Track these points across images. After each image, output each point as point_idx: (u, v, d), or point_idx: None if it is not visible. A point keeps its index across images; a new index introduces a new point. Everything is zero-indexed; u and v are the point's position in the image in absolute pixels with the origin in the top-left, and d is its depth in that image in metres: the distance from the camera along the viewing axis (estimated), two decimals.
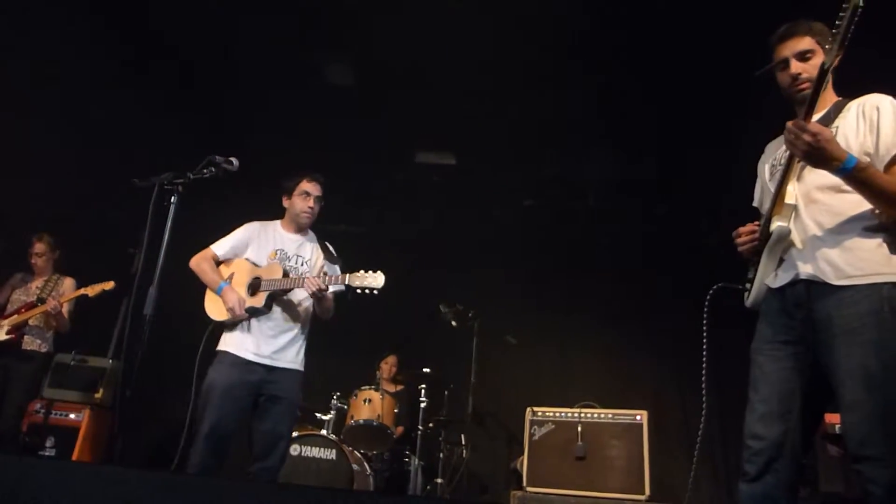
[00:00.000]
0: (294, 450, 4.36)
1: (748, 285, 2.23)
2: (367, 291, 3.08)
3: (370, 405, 4.77)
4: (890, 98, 2.07)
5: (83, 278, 4.57)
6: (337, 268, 3.36)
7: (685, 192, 5.65)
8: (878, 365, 1.85)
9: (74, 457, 4.50)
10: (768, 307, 2.15)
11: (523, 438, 4.04)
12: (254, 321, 3.17)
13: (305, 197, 3.35)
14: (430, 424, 4.89)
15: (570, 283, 6.04)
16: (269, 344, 3.15)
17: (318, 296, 3.12)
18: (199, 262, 3.27)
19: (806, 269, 2.03)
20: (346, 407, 4.87)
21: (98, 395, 4.77)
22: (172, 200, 2.43)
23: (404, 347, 5.74)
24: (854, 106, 2.12)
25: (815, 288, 2.00)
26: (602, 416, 3.91)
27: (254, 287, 3.22)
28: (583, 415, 3.93)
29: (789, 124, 1.94)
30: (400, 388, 5.53)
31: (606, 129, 5.19)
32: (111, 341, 4.90)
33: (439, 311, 5.03)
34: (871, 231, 1.98)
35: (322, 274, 3.14)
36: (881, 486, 1.80)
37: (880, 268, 1.94)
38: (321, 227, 3.56)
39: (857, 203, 2.00)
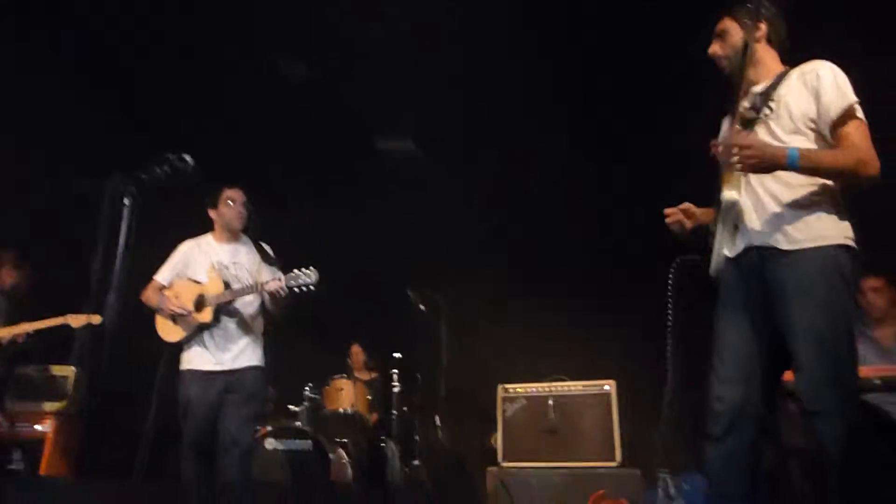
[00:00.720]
0: (269, 443, 4.34)
1: (710, 256, 2.27)
2: (303, 289, 3.18)
3: (343, 394, 4.78)
4: (829, 63, 2.13)
5: (45, 284, 4.44)
6: (275, 268, 3.49)
7: (647, 161, 5.70)
8: (827, 324, 1.94)
9: (43, 468, 4.39)
10: (726, 276, 2.22)
11: (496, 416, 4.10)
12: (206, 335, 3.31)
13: (232, 204, 3.48)
14: (405, 409, 4.92)
15: (534, 260, 6.10)
16: (227, 353, 3.31)
17: (280, 296, 3.23)
18: (147, 295, 3.41)
19: (758, 237, 2.09)
20: (318, 397, 4.86)
21: (63, 404, 4.65)
22: (126, 204, 2.36)
23: (370, 334, 5.75)
24: (794, 74, 2.19)
25: (767, 254, 2.07)
26: (571, 388, 3.98)
27: (198, 304, 3.33)
28: (553, 389, 4.00)
29: (717, 152, 2.08)
30: (374, 375, 5.54)
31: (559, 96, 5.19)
32: (71, 348, 4.77)
33: (407, 297, 5.03)
34: (818, 196, 2.04)
35: (277, 278, 3.25)
36: (833, 439, 1.89)
37: (829, 231, 2.02)
38: (282, 218, 3.59)
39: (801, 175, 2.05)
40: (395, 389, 4.82)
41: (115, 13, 4.32)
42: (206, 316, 3.30)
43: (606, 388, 3.91)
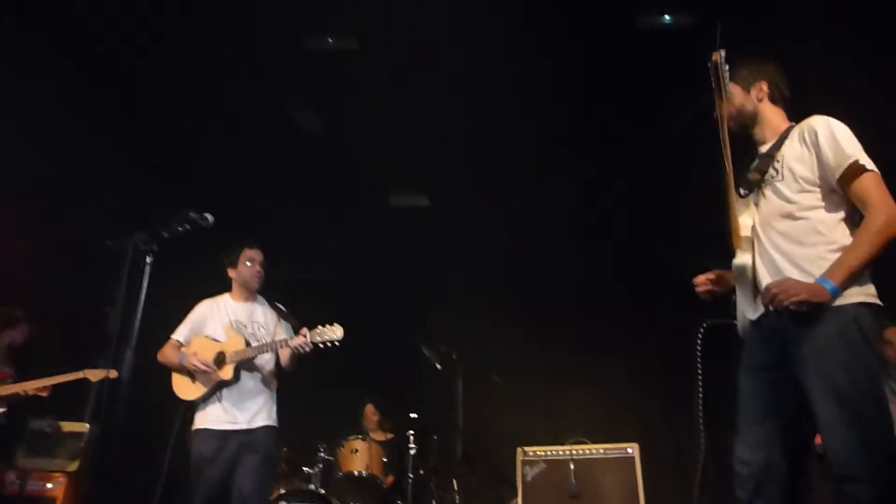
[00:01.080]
0: None
1: (735, 320, 2.27)
2: (328, 345, 3.23)
3: (358, 455, 4.68)
4: (826, 118, 2.13)
5: (56, 343, 4.44)
6: (290, 325, 3.54)
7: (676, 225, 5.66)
8: (847, 383, 1.88)
9: None
10: (750, 338, 2.19)
11: (515, 480, 3.97)
12: (224, 392, 3.30)
13: (252, 263, 3.51)
14: (421, 471, 4.78)
15: (553, 318, 6.05)
16: (243, 411, 3.29)
17: (303, 351, 3.26)
18: (164, 352, 3.41)
19: None
20: (333, 459, 4.75)
21: (76, 463, 4.58)
22: (148, 261, 2.39)
23: (387, 392, 5.67)
24: (796, 133, 2.18)
25: (786, 315, 2.02)
26: (593, 451, 3.87)
27: (218, 361, 3.32)
28: (574, 452, 3.89)
29: (765, 300, 2.04)
30: (389, 436, 5.43)
31: (582, 156, 5.23)
32: (86, 404, 4.74)
33: (423, 355, 4.98)
34: (833, 254, 2.00)
35: (300, 334, 3.29)
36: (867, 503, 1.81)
37: (847, 289, 1.96)
38: (293, 275, 3.62)
39: (814, 228, 2.05)
40: (411, 451, 4.70)
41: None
42: (227, 373, 3.29)
43: (630, 451, 3.80)
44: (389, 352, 6.07)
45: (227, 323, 3.46)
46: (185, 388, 3.38)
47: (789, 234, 2.08)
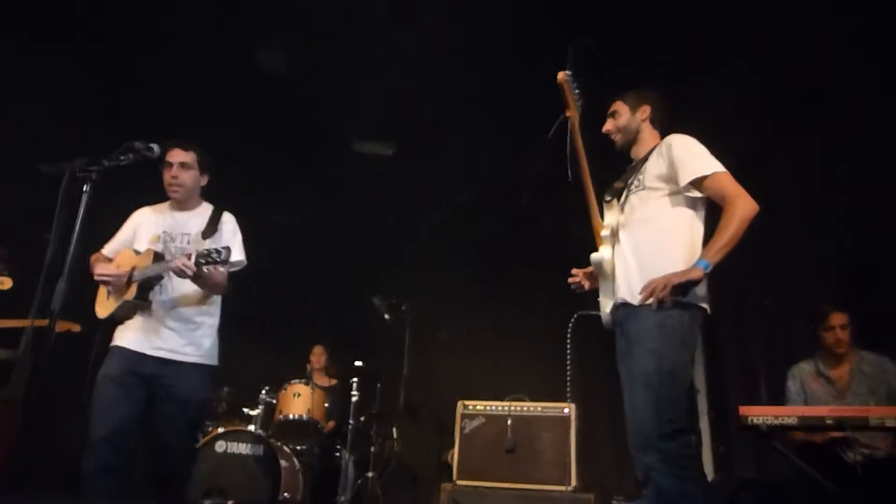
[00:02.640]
0: (220, 446, 4.23)
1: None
2: (213, 269, 2.66)
3: (300, 399, 4.69)
4: (678, 135, 2.48)
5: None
6: (223, 238, 2.96)
7: None
8: (655, 368, 2.20)
9: None
10: (616, 329, 2.49)
11: (454, 431, 4.05)
12: (139, 316, 2.86)
13: (168, 167, 2.96)
14: (362, 418, 4.84)
15: (502, 278, 6.11)
16: (162, 337, 2.82)
17: (187, 277, 2.69)
18: (91, 266, 2.93)
19: (620, 293, 2.40)
20: (274, 401, 4.76)
21: (5, 390, 4.46)
22: (85, 189, 2.26)
23: (334, 339, 5.67)
24: (657, 147, 2.53)
25: (625, 309, 2.37)
26: (531, 409, 3.96)
27: (129, 278, 2.85)
28: (513, 408, 3.97)
29: (647, 298, 2.27)
30: (332, 382, 5.45)
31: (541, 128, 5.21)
32: (21, 334, 4.59)
33: (373, 304, 4.98)
34: (667, 259, 2.30)
35: (192, 254, 2.65)
36: (654, 469, 2.14)
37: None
38: (252, 214, 3.36)
39: (657, 233, 2.37)
40: (354, 398, 4.74)
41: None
42: (130, 292, 2.81)
43: (566, 411, 3.90)
44: (339, 299, 6.06)
45: (154, 234, 2.99)
46: (101, 304, 2.98)
47: (638, 237, 2.41)
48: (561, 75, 2.52)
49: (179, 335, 2.86)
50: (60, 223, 2.30)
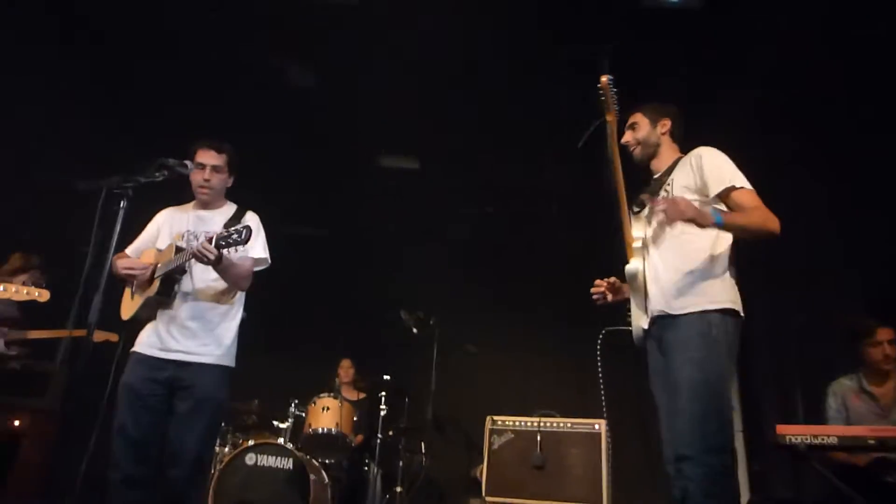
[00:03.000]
0: (250, 459, 4.26)
1: (631, 327, 2.54)
2: (237, 248, 2.58)
3: (329, 413, 4.70)
4: (709, 148, 2.45)
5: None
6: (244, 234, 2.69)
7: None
8: (700, 378, 2.16)
9: (17, 463, 4.30)
10: (648, 345, 2.45)
11: (483, 447, 4.02)
12: (160, 315, 2.80)
13: (199, 169, 2.90)
14: (390, 432, 4.84)
15: (531, 291, 6.07)
16: (179, 337, 2.76)
17: (208, 263, 2.59)
18: (113, 266, 2.75)
19: (656, 306, 2.36)
20: (304, 415, 4.78)
21: (42, 401, 4.57)
22: (122, 205, 2.32)
23: (362, 353, 5.69)
24: (685, 160, 2.50)
25: (663, 321, 2.34)
26: (561, 425, 3.91)
27: (152, 276, 2.80)
28: (542, 424, 3.93)
29: (648, 201, 2.39)
30: (361, 396, 5.47)
31: (571, 137, 5.20)
32: (59, 346, 4.71)
33: (400, 319, 4.98)
34: (705, 264, 2.31)
35: (213, 237, 2.56)
36: (695, 482, 2.07)
37: (710, 298, 2.27)
38: (280, 228, 3.35)
39: (693, 242, 2.33)
40: (382, 412, 4.74)
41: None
42: (152, 288, 2.75)
43: (597, 427, 3.84)
44: (368, 313, 6.08)
45: (178, 233, 2.93)
46: (126, 305, 2.91)
47: (673, 247, 2.37)
48: (604, 79, 2.47)
49: (198, 335, 2.78)
50: (97, 237, 2.36)
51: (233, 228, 2.51)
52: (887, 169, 4.08)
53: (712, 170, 2.35)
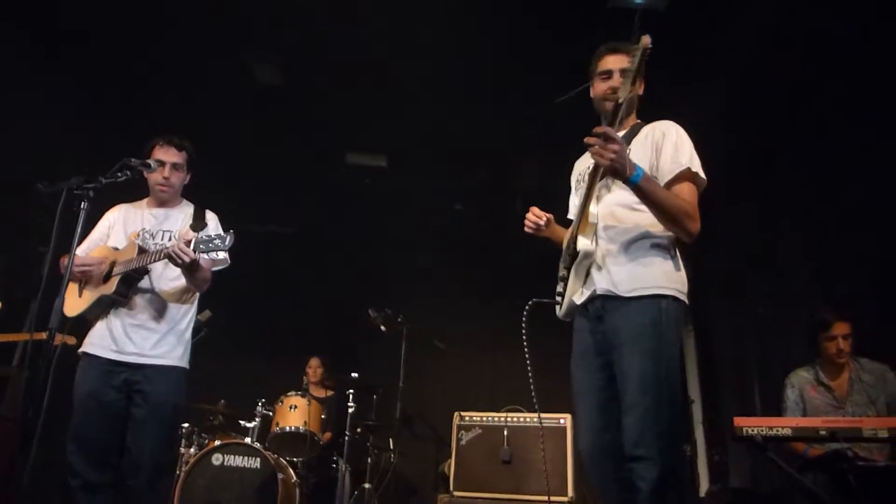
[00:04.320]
0: (216, 459, 4.21)
1: (559, 298, 2.37)
2: (214, 255, 2.53)
3: (296, 411, 4.68)
4: (677, 126, 2.26)
5: None
6: (211, 233, 2.72)
7: None
8: (653, 370, 2.04)
9: None
10: (578, 323, 2.32)
11: (451, 443, 4.05)
12: (113, 314, 2.73)
13: (159, 166, 2.83)
14: (359, 430, 4.84)
15: (498, 287, 6.12)
16: (135, 338, 2.71)
17: (187, 267, 2.60)
18: (62, 266, 2.63)
19: (601, 285, 2.18)
20: (271, 413, 4.75)
21: (1, 406, 4.45)
22: (83, 206, 2.27)
23: (330, 351, 5.68)
24: (646, 130, 2.31)
25: (608, 301, 2.17)
26: (527, 420, 3.97)
27: (108, 274, 2.74)
28: (509, 419, 3.98)
29: (598, 129, 2.01)
30: (329, 393, 5.46)
31: (539, 136, 5.25)
32: (14, 349, 4.59)
33: (368, 316, 4.98)
34: (656, 249, 2.18)
35: (192, 240, 2.54)
36: (648, 482, 1.96)
37: (662, 282, 2.14)
38: (244, 226, 3.30)
39: (646, 224, 2.18)
40: (351, 410, 4.74)
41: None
42: (109, 286, 2.69)
43: (562, 421, 3.90)
44: (334, 311, 6.07)
45: (133, 231, 2.87)
46: (70, 302, 2.77)
47: (626, 226, 2.20)
48: (646, 39, 2.00)
49: (153, 336, 2.74)
50: (59, 239, 2.31)
51: (215, 234, 2.51)
52: (845, 162, 4.18)
53: (671, 154, 2.19)
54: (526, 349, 2.38)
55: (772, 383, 3.90)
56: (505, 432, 3.93)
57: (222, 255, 2.66)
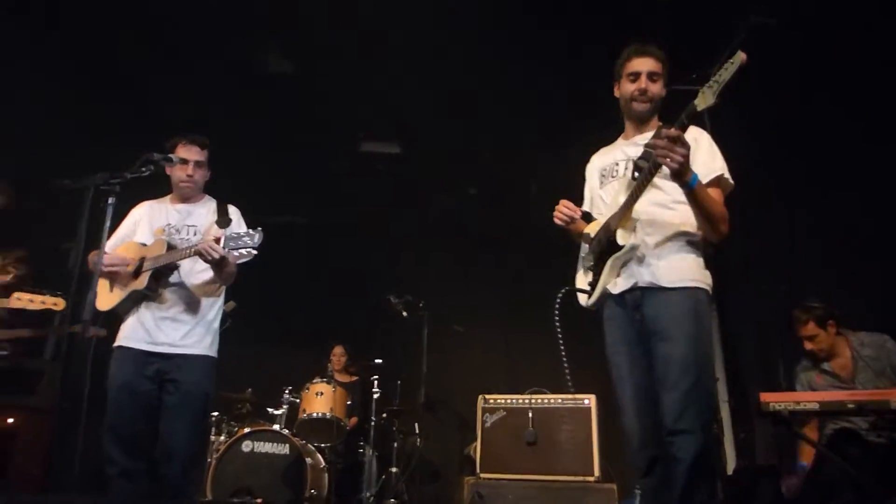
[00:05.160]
0: (246, 446, 4.31)
1: (588, 288, 2.49)
2: (243, 252, 2.64)
3: (322, 398, 4.75)
4: (706, 133, 2.39)
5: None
6: (234, 230, 2.87)
7: None
8: (694, 354, 2.18)
9: (12, 462, 4.31)
10: (612, 312, 2.42)
11: (476, 425, 4.09)
12: (144, 308, 2.84)
13: (182, 164, 2.94)
14: (384, 415, 4.91)
15: (517, 270, 6.12)
16: (166, 330, 2.81)
17: (216, 263, 2.70)
18: (90, 263, 2.75)
19: (644, 278, 2.30)
20: (297, 401, 4.83)
21: (36, 399, 4.56)
22: (110, 202, 2.33)
23: (353, 338, 5.74)
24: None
25: (648, 291, 2.30)
26: (551, 401, 3.99)
27: (137, 270, 2.84)
28: (533, 401, 4.00)
29: (669, 132, 2.05)
30: (353, 379, 5.52)
31: (551, 113, 5.21)
32: (46, 343, 4.70)
33: (389, 303, 5.03)
34: (690, 245, 2.33)
35: (216, 239, 2.65)
36: (690, 453, 2.08)
37: (697, 275, 2.30)
38: (260, 218, 3.35)
39: (680, 222, 2.31)
40: (375, 395, 4.81)
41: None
42: (140, 282, 2.79)
43: (587, 402, 3.92)
44: (356, 298, 6.11)
45: (158, 227, 2.97)
46: (102, 297, 2.87)
47: (663, 223, 2.32)
48: (744, 56, 1.92)
49: (183, 327, 2.84)
50: (89, 234, 2.37)
51: (243, 231, 2.62)
52: (857, 150, 4.17)
53: (707, 160, 2.31)
54: (560, 334, 2.54)
55: (795, 361, 3.88)
56: (529, 414, 3.95)
57: (252, 252, 2.71)
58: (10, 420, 4.46)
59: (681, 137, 2.04)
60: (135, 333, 2.82)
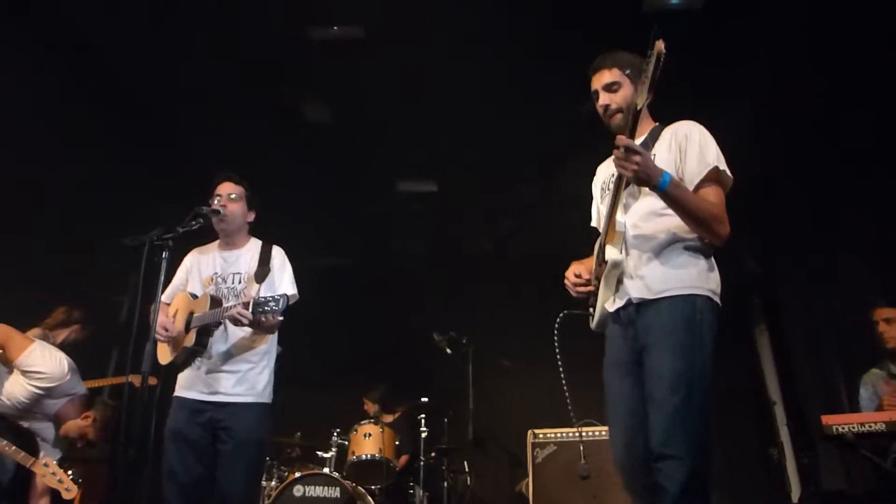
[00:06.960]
0: (297, 491, 4.31)
1: (591, 310, 2.36)
2: (268, 317, 2.70)
3: (371, 439, 4.75)
4: (699, 126, 2.21)
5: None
6: (275, 276, 2.97)
7: None
8: (685, 368, 1.98)
9: None
10: (610, 331, 2.28)
11: (526, 461, 4.03)
12: (198, 360, 2.90)
13: (217, 201, 2.99)
14: (433, 454, 4.87)
15: (560, 301, 6.07)
16: (217, 381, 2.85)
17: (243, 323, 2.73)
18: (152, 317, 2.76)
19: (635, 293, 2.14)
20: (346, 443, 4.84)
21: (93, 450, 4.66)
22: (164, 256, 2.42)
23: (398, 378, 5.74)
24: (668, 132, 2.26)
25: (640, 306, 2.13)
26: (603, 433, 3.90)
27: (188, 324, 2.90)
28: (584, 434, 3.93)
29: (620, 141, 1.98)
30: (397, 414, 5.50)
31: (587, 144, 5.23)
32: (101, 393, 4.83)
33: (433, 340, 5.04)
34: (689, 251, 2.14)
35: (250, 302, 2.67)
36: (676, 482, 1.89)
37: (695, 282, 2.10)
38: (305, 262, 3.41)
39: (675, 227, 2.13)
40: (423, 434, 4.79)
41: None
42: (189, 339, 2.86)
43: None
44: (400, 336, 6.14)
45: (206, 276, 3.01)
46: (162, 352, 2.97)
47: (654, 233, 2.16)
48: (660, 44, 1.90)
49: (234, 377, 2.87)
50: (143, 288, 2.46)
51: (269, 296, 2.64)
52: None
53: (697, 155, 2.13)
54: (559, 359, 2.50)
55: (857, 380, 3.74)
56: (581, 447, 3.88)
57: (278, 317, 2.75)
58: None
59: (630, 145, 1.96)
60: (189, 383, 2.90)
